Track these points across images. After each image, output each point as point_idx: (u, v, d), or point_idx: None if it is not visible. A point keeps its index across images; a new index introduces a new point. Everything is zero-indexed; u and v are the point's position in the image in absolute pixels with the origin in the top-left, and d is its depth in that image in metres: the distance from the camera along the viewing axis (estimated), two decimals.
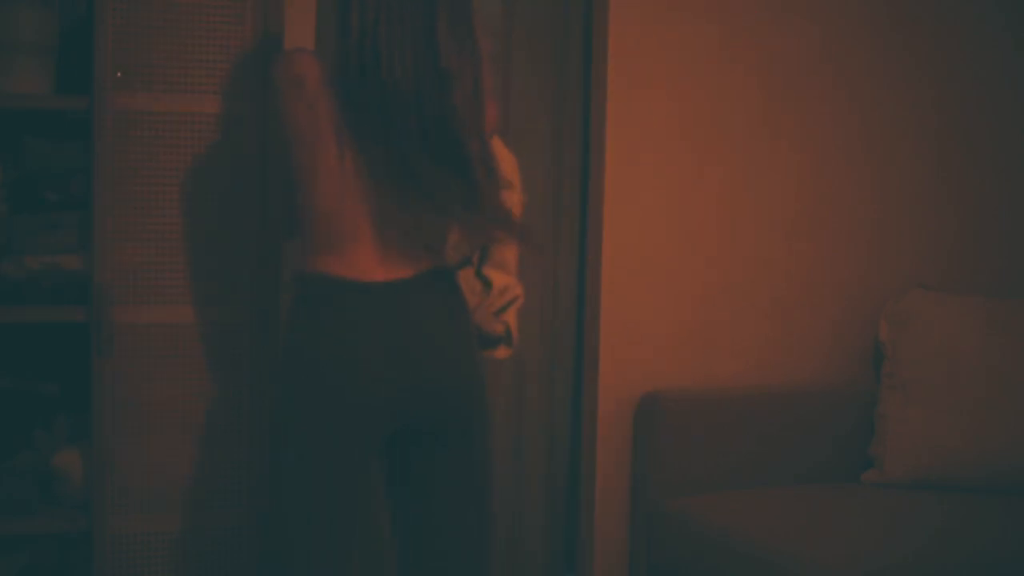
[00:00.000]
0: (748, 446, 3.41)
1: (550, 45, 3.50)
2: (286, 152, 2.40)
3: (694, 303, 3.53)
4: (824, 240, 3.65)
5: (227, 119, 2.72)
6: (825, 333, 3.66)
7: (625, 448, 3.46)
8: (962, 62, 3.76)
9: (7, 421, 2.78)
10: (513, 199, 2.65)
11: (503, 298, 2.64)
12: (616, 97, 3.42)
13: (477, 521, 2.45)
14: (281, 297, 2.72)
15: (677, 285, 3.51)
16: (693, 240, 3.52)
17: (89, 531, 2.65)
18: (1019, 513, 3.16)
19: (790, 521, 3.08)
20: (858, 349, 3.68)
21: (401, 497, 2.45)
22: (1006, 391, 3.36)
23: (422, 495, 2.42)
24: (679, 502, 3.28)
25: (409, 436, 2.38)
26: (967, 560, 2.89)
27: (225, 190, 2.72)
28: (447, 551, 2.43)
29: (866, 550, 2.89)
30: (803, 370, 3.64)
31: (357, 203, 2.31)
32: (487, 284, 2.64)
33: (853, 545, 2.91)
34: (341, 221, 2.32)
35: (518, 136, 3.49)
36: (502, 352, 2.66)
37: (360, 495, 2.35)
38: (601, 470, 3.45)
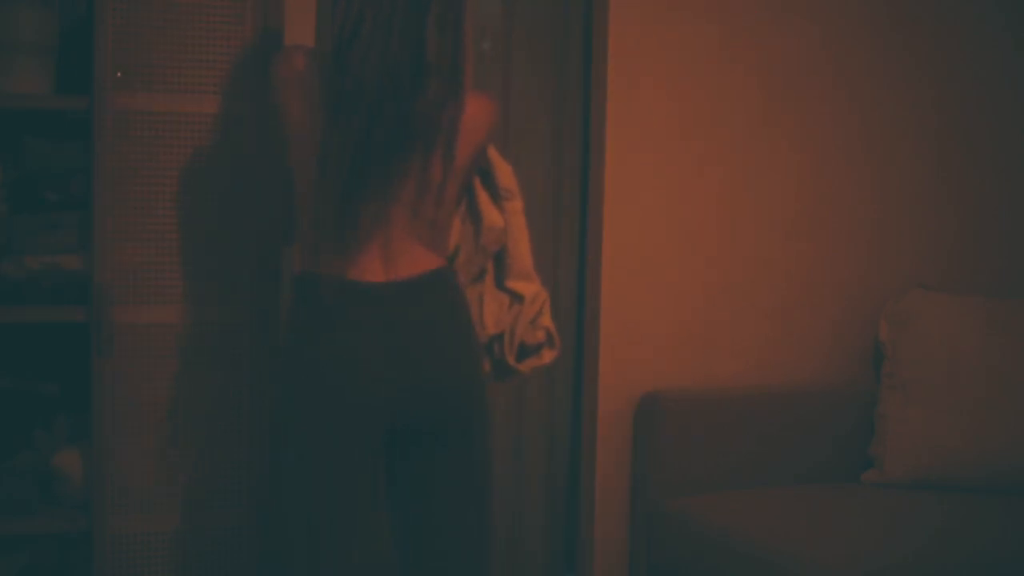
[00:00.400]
0: (748, 446, 3.41)
1: (550, 45, 3.50)
2: (284, 151, 2.40)
3: (694, 303, 3.53)
4: (824, 240, 3.65)
5: (227, 119, 2.72)
6: (825, 333, 3.66)
7: (625, 448, 3.46)
8: (962, 62, 3.76)
9: (7, 421, 2.78)
10: (516, 206, 2.65)
11: (535, 306, 2.64)
12: (616, 97, 3.42)
13: (477, 521, 2.44)
14: (281, 297, 2.72)
15: (677, 285, 3.51)
16: (693, 240, 3.52)
17: (89, 531, 2.64)
18: (1019, 513, 3.16)
19: (790, 521, 3.08)
20: (858, 349, 3.68)
21: (401, 497, 2.44)
22: (1006, 391, 3.36)
23: (422, 495, 2.42)
24: (679, 502, 3.28)
25: (409, 436, 2.38)
26: (967, 560, 2.89)
27: (225, 190, 2.72)
28: (447, 551, 2.43)
29: (866, 550, 2.89)
30: (803, 370, 3.64)
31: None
32: (516, 297, 2.64)
33: (853, 545, 2.91)
34: (336, 220, 2.32)
35: (518, 136, 3.49)
36: (547, 356, 2.66)
37: (360, 495, 2.35)
38: (601, 470, 3.45)
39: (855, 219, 3.68)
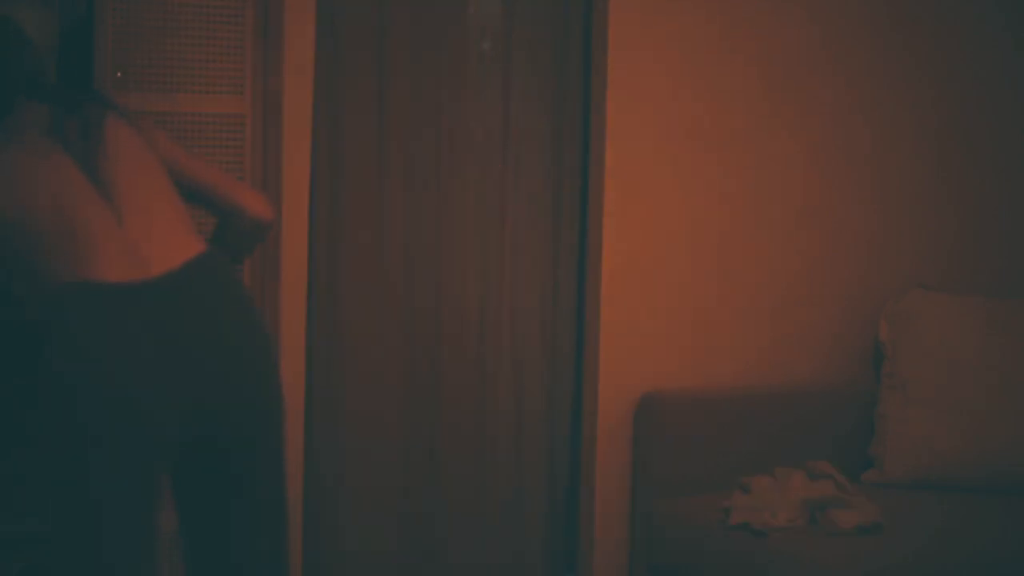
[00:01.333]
0: (748, 446, 3.40)
1: (550, 45, 3.50)
2: None
3: (694, 303, 3.53)
4: (824, 240, 3.65)
5: (227, 119, 2.72)
6: (825, 333, 3.66)
7: (625, 448, 3.46)
8: (962, 62, 3.76)
9: (7, 420, 2.78)
10: None
11: None
12: (616, 96, 3.41)
13: (272, 528, 2.38)
14: None
15: (677, 285, 3.50)
16: (693, 240, 3.52)
17: None
18: (1019, 513, 3.16)
19: None
20: (858, 349, 3.68)
21: (190, 507, 2.40)
22: (1006, 391, 3.36)
23: (211, 506, 2.36)
24: (679, 502, 3.28)
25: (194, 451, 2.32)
26: (967, 560, 2.89)
27: None
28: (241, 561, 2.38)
29: (866, 550, 2.89)
30: (803, 370, 3.64)
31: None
32: None
33: (853, 545, 2.91)
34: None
35: (518, 136, 3.49)
36: None
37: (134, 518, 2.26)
38: (601, 470, 3.45)
39: (855, 219, 3.68)
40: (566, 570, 3.61)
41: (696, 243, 3.52)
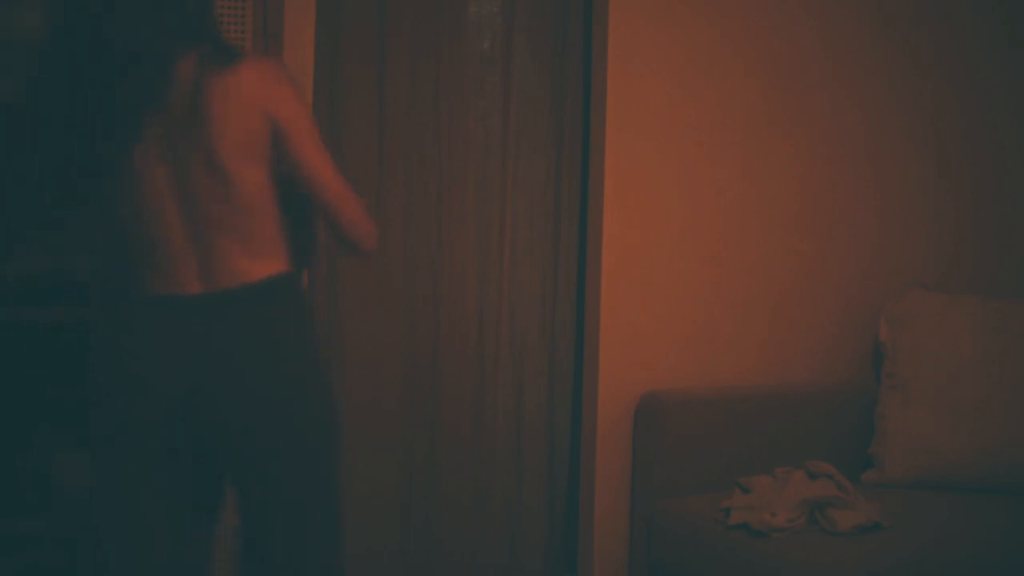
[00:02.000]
0: (748, 446, 3.41)
1: (550, 45, 3.50)
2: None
3: (694, 303, 3.52)
4: (824, 240, 3.65)
5: None
6: (825, 333, 3.66)
7: (625, 448, 3.46)
8: (962, 62, 3.76)
9: (8, 420, 2.79)
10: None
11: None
12: (616, 97, 3.41)
13: (319, 548, 2.37)
14: None
15: (677, 285, 3.50)
16: (693, 240, 3.52)
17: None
18: (1019, 513, 3.16)
19: None
20: (858, 349, 3.68)
21: (242, 510, 2.39)
22: (1006, 391, 3.36)
23: (255, 511, 2.36)
24: (679, 502, 3.28)
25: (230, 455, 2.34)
26: (967, 560, 2.90)
27: None
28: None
29: (866, 550, 2.89)
30: (803, 370, 3.64)
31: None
32: None
33: (853, 545, 2.91)
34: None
35: (518, 136, 3.49)
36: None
37: (155, 509, 2.29)
38: (601, 470, 3.45)
39: (855, 219, 3.68)
40: (566, 570, 3.61)
41: (696, 243, 3.52)
